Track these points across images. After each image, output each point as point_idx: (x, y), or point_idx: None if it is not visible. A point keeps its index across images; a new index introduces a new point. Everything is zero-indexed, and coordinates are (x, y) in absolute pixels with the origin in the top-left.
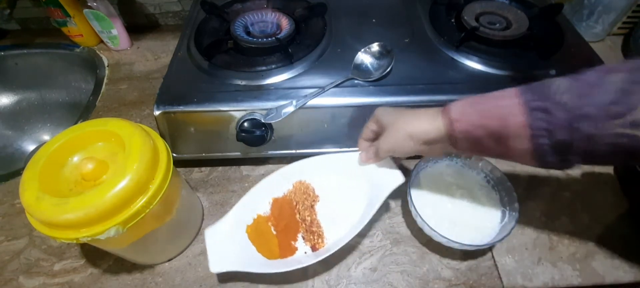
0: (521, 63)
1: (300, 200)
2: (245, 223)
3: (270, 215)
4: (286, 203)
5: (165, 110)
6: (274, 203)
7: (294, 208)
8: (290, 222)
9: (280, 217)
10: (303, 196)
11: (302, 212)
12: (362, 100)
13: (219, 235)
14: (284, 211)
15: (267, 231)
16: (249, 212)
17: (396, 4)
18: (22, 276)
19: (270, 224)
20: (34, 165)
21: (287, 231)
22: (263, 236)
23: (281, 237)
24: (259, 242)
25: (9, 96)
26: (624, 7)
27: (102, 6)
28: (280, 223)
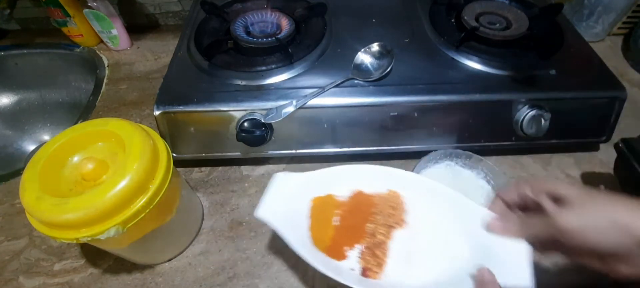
0: (521, 63)
1: (383, 211)
2: (316, 192)
3: (344, 203)
4: (367, 203)
5: (165, 110)
6: (356, 196)
7: (370, 215)
8: (358, 226)
9: (352, 213)
10: (389, 209)
11: (377, 224)
12: (362, 100)
13: (284, 186)
14: (360, 210)
15: (330, 216)
16: (325, 184)
17: (396, 4)
18: (22, 276)
19: (337, 213)
20: (34, 165)
21: (349, 233)
22: (323, 217)
23: (339, 234)
24: (317, 219)
25: (9, 96)
26: (624, 7)
27: (102, 6)
28: (347, 219)
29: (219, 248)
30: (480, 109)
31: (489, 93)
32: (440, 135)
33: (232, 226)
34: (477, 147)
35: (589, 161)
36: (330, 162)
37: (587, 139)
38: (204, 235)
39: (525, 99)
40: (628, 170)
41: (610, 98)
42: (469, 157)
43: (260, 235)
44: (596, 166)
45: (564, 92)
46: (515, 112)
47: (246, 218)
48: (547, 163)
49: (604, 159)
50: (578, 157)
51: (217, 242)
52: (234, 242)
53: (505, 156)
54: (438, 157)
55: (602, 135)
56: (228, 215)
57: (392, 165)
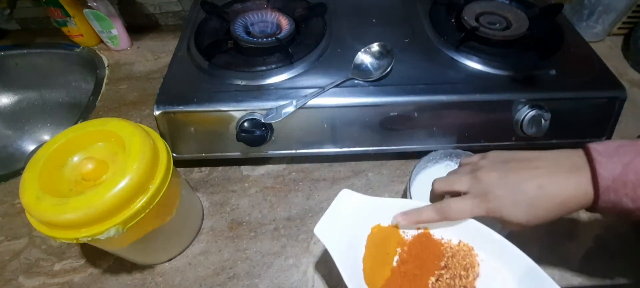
0: (521, 63)
1: (453, 269)
2: (378, 219)
3: (408, 242)
4: (434, 251)
5: (165, 110)
6: (422, 237)
7: (437, 268)
8: (421, 277)
9: (416, 258)
10: (460, 269)
11: (443, 283)
12: (362, 100)
13: (348, 204)
14: (425, 258)
15: (390, 253)
16: (389, 213)
17: (396, 4)
18: (22, 276)
19: (398, 251)
20: (34, 165)
21: (408, 281)
22: (382, 251)
23: (395, 279)
24: (374, 251)
25: (9, 96)
26: (624, 7)
27: (102, 6)
28: (409, 264)
29: (219, 248)
30: (480, 109)
31: (489, 93)
32: (440, 135)
33: (232, 226)
34: (477, 147)
35: None
36: (330, 162)
37: (587, 139)
38: (204, 235)
39: (525, 99)
40: None
41: (610, 98)
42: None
43: (260, 235)
44: None
45: (564, 92)
46: (515, 112)
47: (246, 218)
48: None
49: None
50: None
51: (217, 242)
52: (234, 242)
53: None
54: (438, 157)
55: (602, 135)
56: (228, 215)
57: (392, 165)
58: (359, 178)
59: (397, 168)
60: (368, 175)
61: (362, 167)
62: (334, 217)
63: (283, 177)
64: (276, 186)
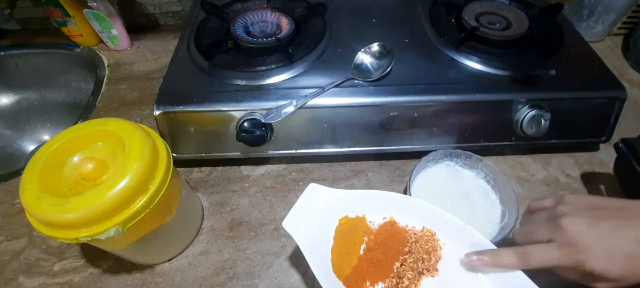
0: (521, 63)
1: (415, 253)
2: (346, 211)
3: (374, 231)
4: (399, 238)
5: (165, 110)
6: (387, 225)
7: (401, 253)
8: (385, 262)
9: (381, 246)
10: (422, 252)
11: (407, 267)
12: (362, 100)
13: (315, 198)
14: (390, 244)
15: (357, 242)
16: (357, 205)
17: (396, 4)
18: (22, 276)
19: (365, 240)
20: (34, 165)
21: (373, 267)
22: (350, 241)
23: (362, 266)
24: (342, 241)
25: (9, 96)
26: (624, 7)
27: (102, 6)
28: (375, 251)
29: (219, 248)
30: (480, 109)
31: (489, 93)
32: (440, 135)
33: (232, 226)
34: (477, 147)
35: (589, 161)
36: (330, 162)
37: (587, 138)
38: (204, 235)
39: (525, 99)
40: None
41: (610, 98)
42: (469, 157)
43: (260, 235)
44: (596, 166)
45: (564, 92)
46: (515, 112)
47: (246, 218)
48: (547, 163)
49: (604, 159)
50: (578, 157)
51: (217, 242)
52: (234, 242)
53: (505, 156)
54: (438, 157)
55: (602, 135)
56: (228, 215)
57: (392, 165)
58: (359, 178)
59: (397, 168)
60: (368, 175)
61: (362, 167)
62: (302, 211)
63: (283, 177)
64: (276, 186)
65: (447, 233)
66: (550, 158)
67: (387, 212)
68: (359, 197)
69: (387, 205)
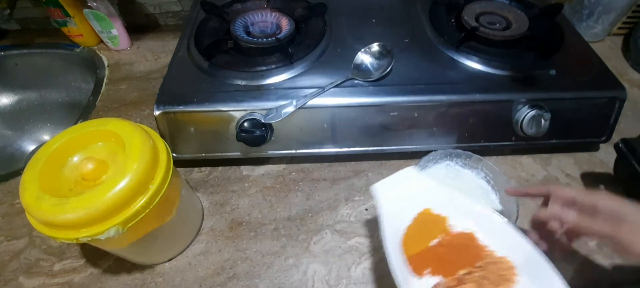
0: (521, 63)
1: (487, 273)
2: (432, 205)
3: (452, 235)
4: (475, 253)
5: (165, 110)
6: (467, 236)
7: (472, 265)
8: (453, 263)
9: (454, 249)
10: (494, 275)
11: (471, 278)
12: (362, 100)
13: (408, 181)
14: (464, 253)
15: (431, 234)
16: (445, 205)
17: (396, 4)
18: (22, 276)
19: (440, 237)
20: (34, 165)
21: (439, 261)
22: (425, 231)
23: (429, 254)
24: (416, 228)
25: (9, 96)
26: (624, 7)
27: (102, 6)
28: (446, 249)
29: (219, 248)
30: (480, 109)
31: (489, 93)
32: (440, 135)
33: (232, 226)
34: (477, 147)
35: (589, 161)
36: (330, 162)
37: (587, 138)
38: (204, 235)
39: (525, 99)
40: (628, 170)
41: (610, 98)
42: (469, 157)
43: (260, 235)
44: (596, 166)
45: (564, 92)
46: (515, 112)
47: (246, 218)
48: (547, 163)
49: (604, 159)
50: (578, 157)
51: (217, 242)
52: (234, 242)
53: (505, 156)
54: (438, 157)
55: (602, 135)
56: (228, 215)
57: (392, 165)
58: (359, 178)
59: (397, 168)
60: (368, 175)
61: (362, 167)
62: (393, 185)
63: (283, 177)
64: (276, 186)
65: (528, 272)
66: (550, 158)
67: (472, 224)
68: (449, 199)
69: (476, 219)
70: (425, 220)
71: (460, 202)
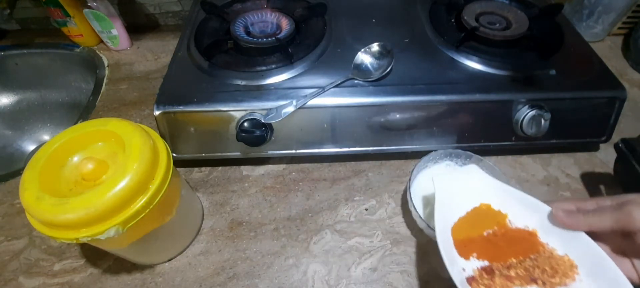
0: (521, 63)
1: (539, 264)
2: (489, 200)
3: (510, 229)
4: (531, 248)
5: (165, 110)
6: (526, 233)
7: (524, 256)
8: (503, 252)
9: (507, 240)
10: (548, 268)
11: (522, 266)
12: (362, 100)
13: (470, 175)
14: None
15: (485, 225)
16: (505, 202)
17: (396, 4)
18: (22, 276)
19: (495, 229)
20: (34, 165)
21: (488, 247)
22: (478, 220)
23: (478, 240)
24: (471, 217)
25: (9, 96)
26: (624, 7)
27: (102, 6)
28: (498, 239)
29: (219, 248)
30: (480, 109)
31: (489, 93)
32: (440, 135)
33: (232, 226)
34: (477, 147)
35: (589, 161)
36: (330, 162)
37: (587, 138)
38: (204, 235)
39: (525, 99)
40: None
41: (610, 98)
42: (469, 157)
43: (260, 235)
44: (596, 166)
45: (564, 92)
46: (515, 112)
47: (246, 218)
48: (547, 163)
49: (604, 159)
50: (578, 157)
51: (217, 242)
52: (234, 242)
53: (505, 156)
54: (438, 157)
55: (602, 135)
56: (228, 215)
57: (392, 165)
58: (359, 178)
59: (397, 168)
60: (368, 175)
61: (362, 167)
62: (454, 177)
63: (283, 177)
64: (276, 186)
65: (590, 271)
66: (550, 158)
67: (537, 224)
68: (512, 197)
69: (538, 219)
70: (482, 213)
71: (523, 199)
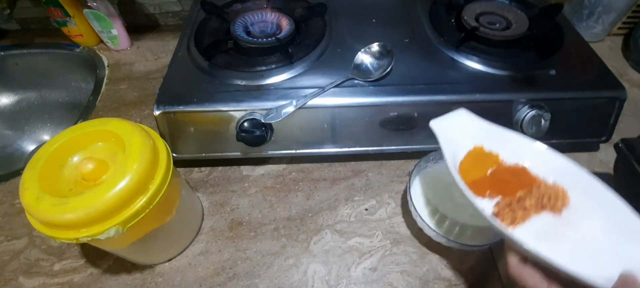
0: (521, 63)
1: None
2: (481, 143)
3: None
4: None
5: (165, 110)
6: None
7: (528, 187)
8: (511, 185)
9: (510, 174)
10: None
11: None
12: (362, 100)
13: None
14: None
15: (485, 165)
16: (495, 142)
17: (396, 4)
18: (22, 276)
19: (495, 168)
20: (34, 165)
21: (498, 183)
22: (479, 163)
23: (486, 179)
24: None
25: (9, 96)
26: (624, 7)
27: (102, 6)
28: (503, 174)
29: (219, 248)
30: (480, 109)
31: (489, 93)
32: None
33: (232, 226)
34: None
35: (589, 161)
36: (330, 162)
37: (587, 139)
38: (204, 235)
39: (525, 99)
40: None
41: (610, 98)
42: None
43: (260, 235)
44: (596, 166)
45: (564, 92)
46: (515, 112)
47: (246, 218)
48: None
49: (604, 159)
50: (578, 157)
51: (217, 242)
52: (234, 242)
53: None
54: (438, 157)
55: (602, 135)
56: (228, 215)
57: (392, 165)
58: (359, 178)
59: (397, 168)
60: (368, 175)
61: (362, 167)
62: (449, 122)
63: (283, 177)
64: (276, 186)
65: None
66: None
67: (524, 160)
68: (502, 138)
69: (525, 152)
70: (478, 156)
71: (512, 140)
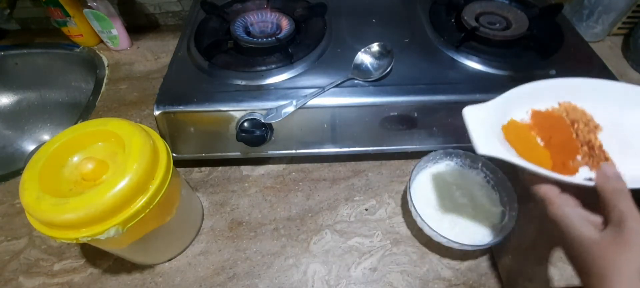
0: (521, 63)
1: (579, 120)
2: (500, 121)
3: (533, 126)
4: (556, 119)
5: (165, 110)
6: (537, 115)
7: (569, 128)
8: (567, 139)
9: (550, 130)
10: (581, 117)
11: (584, 134)
12: (362, 100)
13: (479, 117)
14: (555, 127)
15: (530, 139)
16: (502, 112)
17: (396, 4)
18: (22, 276)
19: (535, 134)
20: (34, 165)
21: (563, 149)
22: (524, 142)
23: (554, 153)
24: (520, 146)
25: (9, 96)
26: (624, 7)
27: (102, 6)
28: (551, 137)
29: (219, 248)
30: None
31: (489, 93)
32: (440, 135)
33: (232, 226)
34: None
35: None
36: (330, 162)
37: None
38: (204, 235)
39: None
40: None
41: None
42: (469, 156)
43: (260, 235)
44: None
45: None
46: None
47: (246, 218)
48: None
49: None
50: None
51: (217, 242)
52: (234, 242)
53: None
54: (438, 157)
55: None
56: (228, 215)
57: (392, 165)
58: (359, 178)
59: (397, 168)
60: (368, 175)
61: (362, 167)
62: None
63: (283, 177)
64: (276, 186)
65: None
66: None
67: (526, 106)
68: (500, 103)
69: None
70: (513, 134)
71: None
